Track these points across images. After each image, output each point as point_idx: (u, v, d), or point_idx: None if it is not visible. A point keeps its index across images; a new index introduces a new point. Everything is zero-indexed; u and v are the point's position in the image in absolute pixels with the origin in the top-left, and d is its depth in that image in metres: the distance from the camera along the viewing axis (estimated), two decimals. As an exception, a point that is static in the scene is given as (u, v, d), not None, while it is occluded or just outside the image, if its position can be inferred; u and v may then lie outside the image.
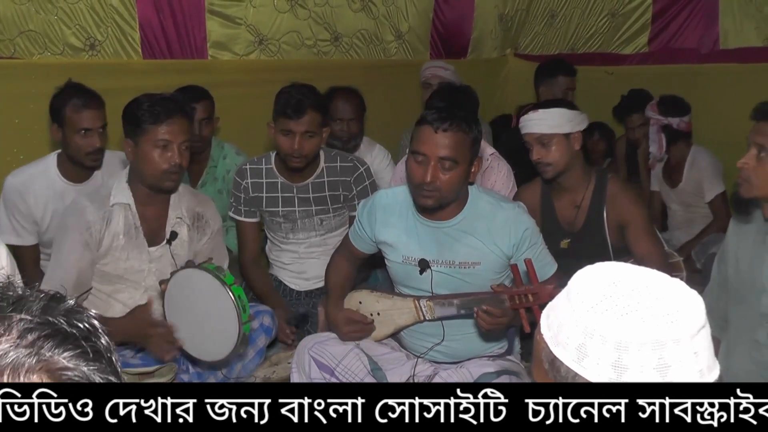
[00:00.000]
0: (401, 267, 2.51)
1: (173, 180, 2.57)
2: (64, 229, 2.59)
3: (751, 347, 2.17)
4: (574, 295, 1.02)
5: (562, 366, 1.00)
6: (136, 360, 2.63)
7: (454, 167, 2.26)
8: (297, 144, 2.95)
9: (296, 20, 4.41)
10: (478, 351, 2.54)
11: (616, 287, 1.00)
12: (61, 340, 0.77)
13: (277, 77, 4.19)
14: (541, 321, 1.09)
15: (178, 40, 3.99)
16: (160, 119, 2.48)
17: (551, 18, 5.58)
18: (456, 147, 2.25)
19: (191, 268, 2.39)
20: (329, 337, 2.64)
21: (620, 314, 0.96)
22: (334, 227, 3.28)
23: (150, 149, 2.50)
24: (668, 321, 0.95)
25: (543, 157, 2.83)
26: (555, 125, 2.80)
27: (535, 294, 2.17)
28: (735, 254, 2.24)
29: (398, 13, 4.94)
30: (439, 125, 2.24)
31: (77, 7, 3.61)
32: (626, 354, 0.95)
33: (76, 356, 0.77)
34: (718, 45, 4.75)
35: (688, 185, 4.07)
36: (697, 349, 0.97)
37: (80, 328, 0.80)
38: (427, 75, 4.44)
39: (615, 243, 2.89)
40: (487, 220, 2.40)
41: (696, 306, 0.99)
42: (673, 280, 1.04)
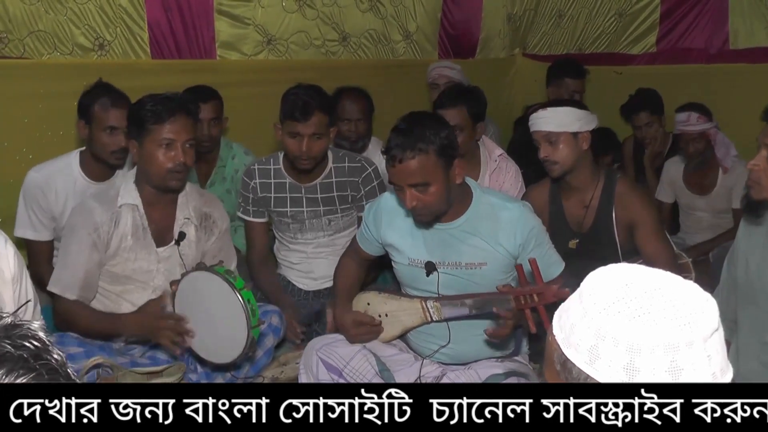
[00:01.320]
0: (408, 269, 2.51)
1: (178, 179, 2.57)
2: (72, 230, 2.60)
3: (760, 349, 2.17)
4: (586, 296, 1.02)
5: (574, 368, 1.00)
6: (145, 360, 2.63)
7: (428, 187, 2.26)
8: (305, 146, 2.95)
9: (304, 20, 4.42)
10: (484, 354, 2.54)
11: (628, 289, 0.99)
12: (11, 367, 0.74)
13: (285, 77, 4.18)
14: (554, 322, 1.08)
15: (187, 40, 4.00)
16: (163, 118, 2.48)
17: (559, 18, 5.57)
18: (420, 171, 2.24)
19: (202, 270, 2.39)
20: (337, 339, 2.64)
21: (633, 316, 0.96)
22: (342, 227, 3.28)
23: (154, 149, 2.51)
24: (681, 324, 0.95)
25: (550, 155, 2.82)
26: (563, 123, 2.79)
27: (540, 294, 2.16)
28: (745, 256, 2.23)
29: (406, 13, 4.94)
30: (395, 159, 2.25)
31: (86, 7, 3.62)
32: (638, 357, 0.95)
33: (31, 380, 0.75)
34: (728, 45, 4.72)
35: (722, 191, 4.02)
36: (710, 352, 0.96)
37: (28, 349, 0.76)
38: (434, 75, 4.44)
39: (624, 243, 2.88)
40: (491, 220, 2.40)
41: (710, 309, 0.98)
42: (687, 282, 1.03)
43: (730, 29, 4.69)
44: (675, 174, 4.19)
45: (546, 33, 5.71)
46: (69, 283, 2.57)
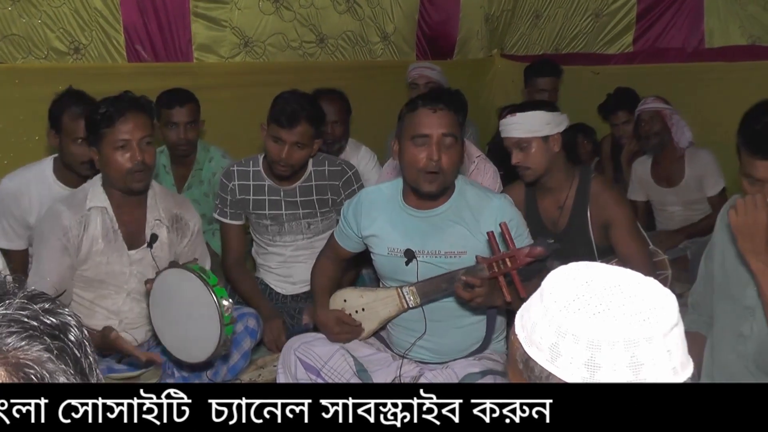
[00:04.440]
0: (387, 259, 2.52)
1: (140, 179, 2.52)
2: (42, 236, 2.57)
3: (736, 341, 2.19)
4: (547, 295, 1.03)
5: (536, 366, 1.01)
6: (121, 366, 2.62)
7: (455, 144, 2.33)
8: (285, 153, 2.95)
9: (281, 22, 4.42)
10: (460, 346, 2.55)
11: (588, 287, 1.00)
12: (26, 336, 0.77)
13: (262, 79, 4.22)
14: (516, 321, 1.09)
15: (163, 43, 3.99)
16: (114, 120, 2.44)
17: (536, 18, 5.61)
18: (454, 124, 2.34)
19: (176, 268, 2.39)
20: (316, 338, 2.64)
21: (592, 313, 0.97)
22: (321, 230, 3.28)
23: (111, 152, 2.47)
24: (640, 319, 0.96)
25: (522, 160, 2.84)
26: (533, 129, 2.81)
27: (512, 257, 2.18)
28: (722, 250, 2.25)
29: (383, 15, 4.96)
30: (436, 105, 2.33)
31: (61, 11, 3.60)
32: (599, 353, 0.96)
33: (39, 351, 0.77)
34: (704, 44, 4.78)
35: (691, 182, 4.06)
36: (670, 347, 0.97)
37: (47, 324, 0.79)
38: (414, 75, 4.45)
39: (599, 243, 2.90)
40: (473, 209, 2.42)
41: (669, 304, 0.99)
42: (647, 279, 1.04)
43: (706, 29, 4.75)
44: (642, 172, 4.23)
45: (523, 33, 5.75)
46: (44, 290, 2.54)
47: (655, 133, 4.04)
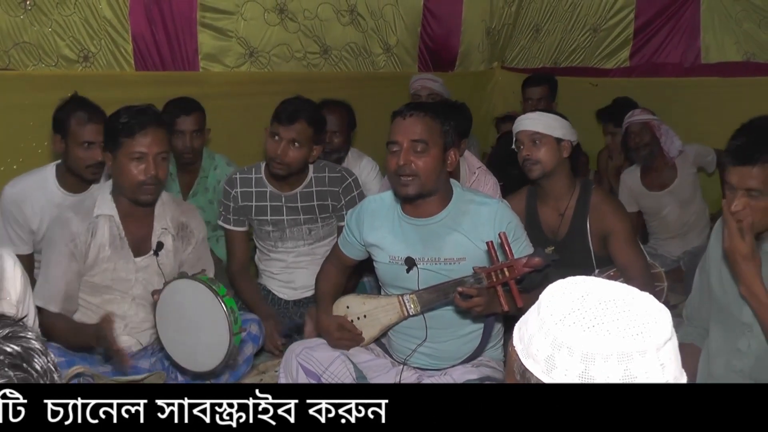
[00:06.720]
0: (388, 267, 2.56)
1: (150, 192, 2.58)
2: (51, 242, 2.62)
3: (732, 356, 2.18)
4: (544, 308, 1.05)
5: (533, 377, 1.03)
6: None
7: (426, 150, 2.36)
8: (281, 149, 3.00)
9: (286, 33, 4.47)
10: (460, 353, 2.58)
11: (584, 300, 1.03)
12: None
13: (267, 89, 4.26)
14: (514, 333, 1.12)
15: (170, 53, 4.03)
16: (134, 131, 2.50)
17: (536, 32, 5.66)
18: (425, 130, 2.37)
19: (185, 278, 2.39)
20: (317, 343, 2.67)
21: (587, 326, 0.99)
22: (322, 236, 3.32)
23: (126, 162, 2.52)
24: (634, 333, 0.98)
25: (532, 154, 2.90)
26: (549, 127, 2.90)
27: (511, 267, 2.22)
28: (718, 265, 2.25)
29: (386, 27, 5.00)
30: (407, 112, 2.39)
31: (71, 19, 3.65)
32: (593, 366, 0.98)
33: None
34: (700, 59, 4.83)
35: (685, 179, 4.12)
36: (664, 360, 0.99)
37: (7, 353, 0.78)
38: (416, 87, 4.50)
39: (598, 253, 2.94)
40: (471, 215, 2.45)
41: (662, 319, 1.01)
42: (642, 293, 1.06)
43: (702, 44, 4.80)
44: (632, 181, 4.26)
45: (524, 47, 5.80)
46: (51, 295, 2.58)
47: (645, 144, 4.09)
